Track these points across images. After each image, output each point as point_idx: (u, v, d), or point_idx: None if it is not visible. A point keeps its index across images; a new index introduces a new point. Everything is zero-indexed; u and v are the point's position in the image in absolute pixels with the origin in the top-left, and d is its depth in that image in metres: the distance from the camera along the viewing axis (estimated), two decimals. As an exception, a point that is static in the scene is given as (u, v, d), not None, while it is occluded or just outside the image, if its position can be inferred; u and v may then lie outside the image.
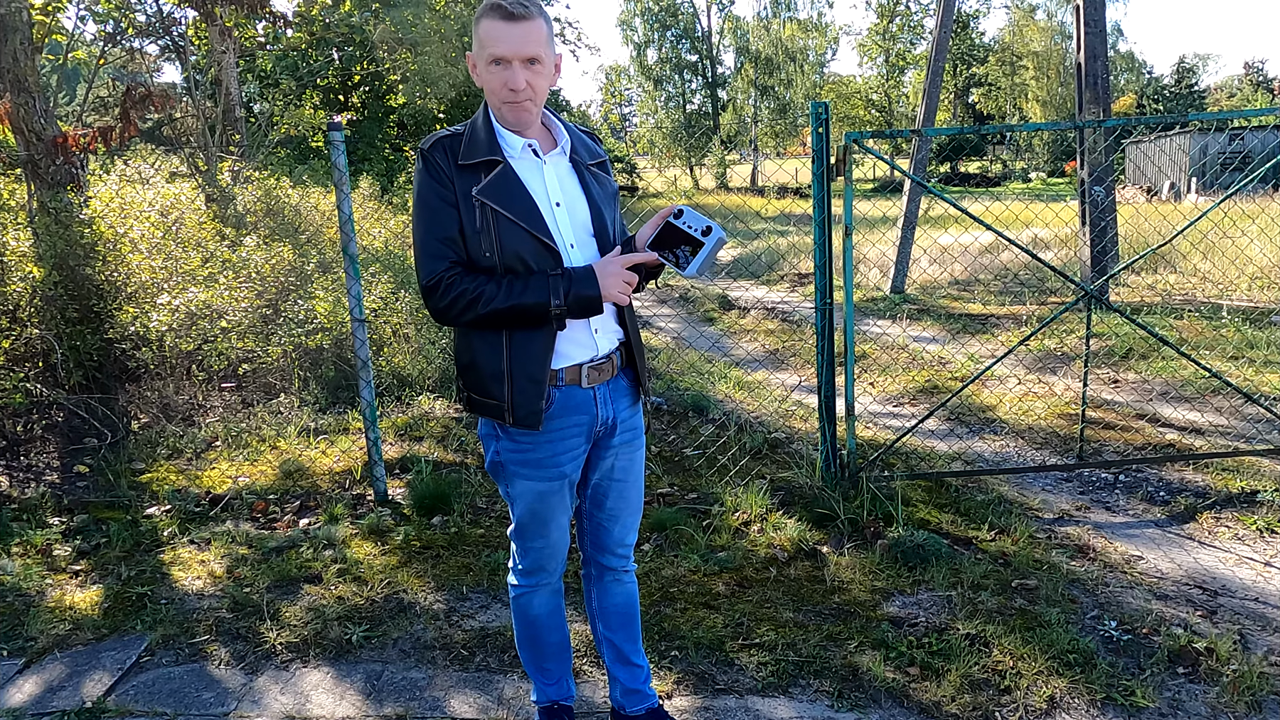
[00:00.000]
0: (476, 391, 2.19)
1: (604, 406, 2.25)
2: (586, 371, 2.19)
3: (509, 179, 2.08)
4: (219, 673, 3.05)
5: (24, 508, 4.39)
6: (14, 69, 6.28)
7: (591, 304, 2.06)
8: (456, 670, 3.04)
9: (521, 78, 2.01)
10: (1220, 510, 4.18)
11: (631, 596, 2.53)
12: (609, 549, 2.45)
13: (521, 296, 2.03)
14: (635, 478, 2.41)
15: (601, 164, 2.28)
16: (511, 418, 2.13)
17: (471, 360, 2.17)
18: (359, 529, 4.12)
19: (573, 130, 2.26)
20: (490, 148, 2.09)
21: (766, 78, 48.78)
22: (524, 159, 2.13)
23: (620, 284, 2.08)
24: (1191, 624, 3.19)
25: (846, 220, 4.11)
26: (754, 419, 5.67)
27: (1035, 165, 46.41)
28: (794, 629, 3.23)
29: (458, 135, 2.12)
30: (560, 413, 2.18)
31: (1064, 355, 7.36)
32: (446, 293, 2.05)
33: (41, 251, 5.68)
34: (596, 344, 2.20)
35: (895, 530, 3.87)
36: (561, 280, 2.05)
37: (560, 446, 2.21)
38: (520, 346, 2.10)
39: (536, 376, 2.11)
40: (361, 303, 4.38)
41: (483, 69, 2.05)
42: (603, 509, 2.40)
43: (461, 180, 2.07)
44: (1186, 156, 24.56)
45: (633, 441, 2.36)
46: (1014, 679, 2.89)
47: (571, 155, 2.20)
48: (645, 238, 2.16)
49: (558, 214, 2.14)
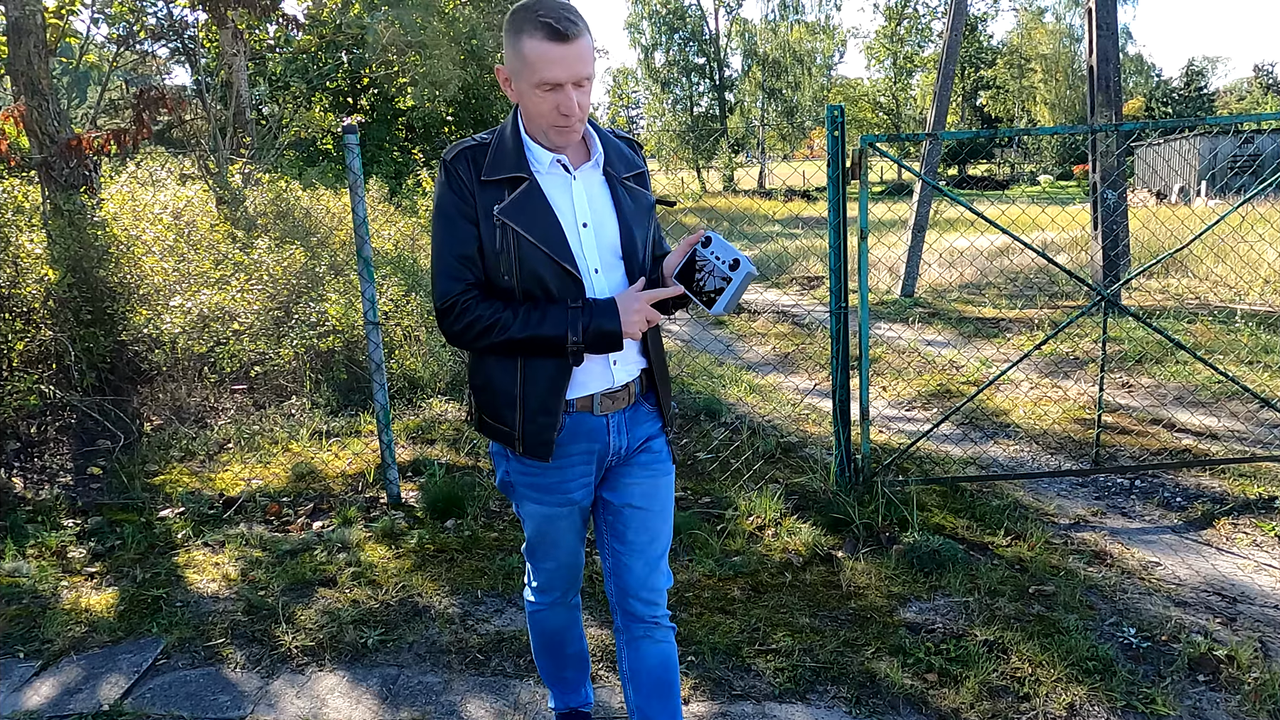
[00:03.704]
0: (488, 414, 2.11)
1: (617, 435, 2.12)
2: (599, 400, 2.08)
3: (533, 198, 1.96)
4: (235, 676, 3.05)
5: (38, 510, 4.40)
6: (28, 72, 6.31)
7: (611, 339, 1.94)
8: (472, 674, 3.04)
9: (574, 101, 1.89)
10: (1238, 516, 4.15)
11: (668, 660, 2.21)
12: (633, 592, 2.19)
13: (538, 328, 1.93)
14: (660, 508, 2.21)
15: (639, 176, 2.13)
16: (521, 446, 2.05)
17: (485, 382, 2.08)
18: (372, 532, 4.12)
19: (609, 139, 2.12)
20: (517, 163, 1.97)
21: (774, 80, 48.75)
22: (552, 174, 2.01)
23: (642, 320, 1.97)
24: (1211, 631, 3.16)
25: (862, 224, 4.09)
26: (766, 423, 5.66)
27: (1043, 168, 46.30)
28: (810, 634, 3.21)
29: (483, 146, 2.00)
30: (569, 439, 2.08)
31: (1077, 359, 7.33)
32: (461, 317, 1.96)
33: (55, 254, 5.69)
34: (613, 376, 2.08)
35: (910, 535, 3.86)
36: (581, 313, 1.93)
37: (569, 473, 2.12)
38: (535, 374, 2.01)
39: (550, 407, 2.02)
40: (376, 306, 4.38)
41: (526, 90, 1.91)
42: (624, 541, 2.19)
43: (484, 196, 1.96)
44: (1196, 159, 24.47)
45: (653, 466, 2.19)
46: (1033, 686, 2.88)
47: (605, 168, 2.06)
48: (672, 266, 2.03)
49: (583, 236, 2.01)
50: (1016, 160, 49.17)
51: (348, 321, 6.17)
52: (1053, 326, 8.58)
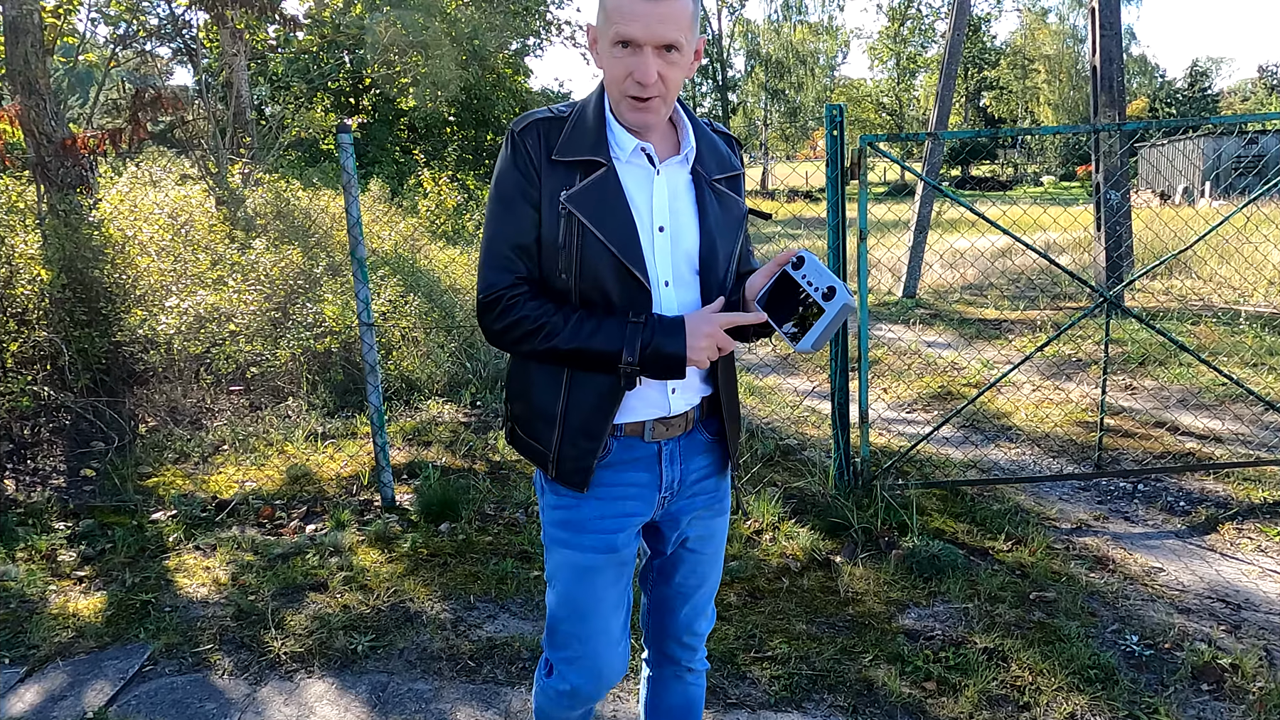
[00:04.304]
0: (523, 428, 1.85)
1: (671, 466, 1.84)
2: (651, 425, 1.80)
3: (609, 189, 1.68)
4: (222, 683, 3.01)
5: (29, 512, 4.35)
6: (25, 71, 6.27)
7: (671, 364, 1.66)
8: (463, 682, 2.99)
9: (653, 68, 1.60)
10: (1242, 521, 4.10)
11: (695, 703, 2.07)
12: (673, 634, 2.00)
13: (589, 340, 1.65)
14: (714, 552, 1.98)
15: (733, 179, 1.84)
16: (555, 470, 1.78)
17: (524, 391, 1.82)
18: (366, 535, 4.08)
19: (704, 132, 1.82)
20: (596, 144, 1.69)
21: (777, 81, 48.74)
22: (633, 164, 1.72)
23: (711, 347, 1.67)
24: (1215, 639, 3.11)
25: (861, 224, 4.04)
26: (765, 425, 5.61)
27: (1046, 168, 46.22)
28: (807, 641, 3.16)
29: (559, 119, 1.72)
30: (616, 466, 1.79)
31: (1078, 361, 7.27)
32: (505, 314, 1.69)
33: (50, 254, 5.66)
34: (670, 404, 1.80)
35: (910, 540, 3.81)
36: (642, 330, 1.65)
37: (611, 508, 1.81)
38: (581, 391, 1.74)
39: (592, 430, 1.74)
40: (370, 306, 4.33)
41: (605, 49, 1.65)
42: (670, 584, 1.97)
43: (552, 178, 1.68)
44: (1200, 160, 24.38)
45: (713, 506, 1.93)
46: (1033, 695, 2.82)
47: (695, 165, 1.77)
48: (756, 289, 1.74)
49: (658, 241, 1.73)
50: (1020, 161, 49.09)
51: (344, 322, 6.13)
52: (1055, 328, 8.53)
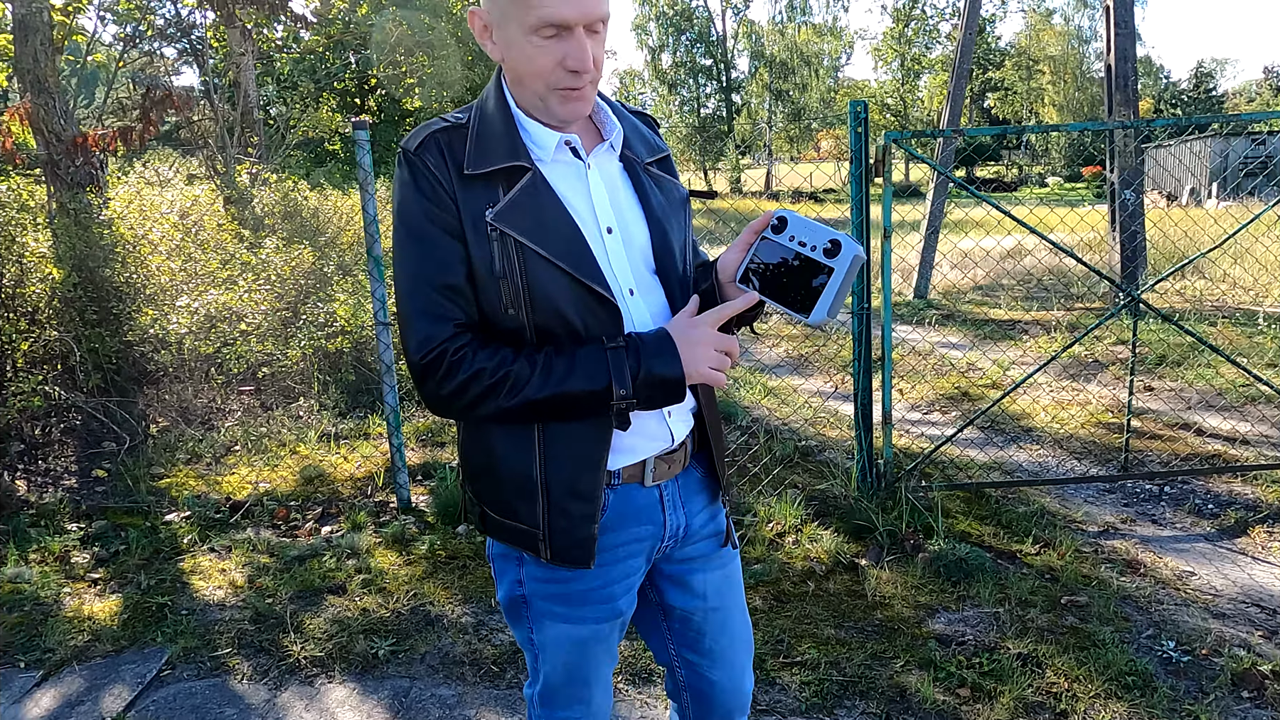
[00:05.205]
0: (496, 510, 1.51)
1: (674, 511, 1.58)
2: (653, 465, 1.53)
3: (541, 196, 1.41)
4: (241, 687, 2.95)
5: (42, 513, 4.31)
6: (34, 70, 6.23)
7: (670, 388, 1.40)
8: (486, 687, 2.93)
9: (588, 52, 1.35)
10: (1273, 524, 4.03)
11: None
12: (725, 709, 1.73)
13: (567, 382, 1.36)
14: (737, 602, 1.74)
15: (663, 161, 1.60)
16: (549, 551, 1.48)
17: (488, 463, 1.49)
18: (382, 537, 4.02)
19: (622, 113, 1.57)
20: (511, 148, 1.41)
21: (781, 82, 48.64)
22: (559, 162, 1.45)
23: (713, 356, 1.42)
24: (1253, 645, 3.05)
25: (885, 223, 3.99)
26: (783, 426, 5.55)
27: (1051, 170, 46.12)
28: (836, 646, 3.10)
29: (460, 127, 1.43)
30: (616, 524, 1.52)
31: (1095, 362, 7.20)
32: (453, 373, 1.37)
33: (61, 253, 5.61)
34: (671, 431, 1.54)
35: (936, 543, 3.75)
36: (627, 356, 1.38)
37: (614, 572, 1.55)
38: (560, 443, 1.44)
39: (585, 488, 1.45)
40: (386, 305, 4.28)
41: (518, 39, 1.36)
42: (700, 651, 1.69)
43: (470, 197, 1.38)
44: (1208, 160, 24.29)
45: (721, 553, 1.70)
46: (1070, 702, 2.76)
47: (624, 151, 1.52)
48: (733, 267, 1.49)
49: (610, 245, 1.46)
50: (1024, 162, 48.99)
51: (356, 322, 6.09)
52: (1069, 329, 8.46)
